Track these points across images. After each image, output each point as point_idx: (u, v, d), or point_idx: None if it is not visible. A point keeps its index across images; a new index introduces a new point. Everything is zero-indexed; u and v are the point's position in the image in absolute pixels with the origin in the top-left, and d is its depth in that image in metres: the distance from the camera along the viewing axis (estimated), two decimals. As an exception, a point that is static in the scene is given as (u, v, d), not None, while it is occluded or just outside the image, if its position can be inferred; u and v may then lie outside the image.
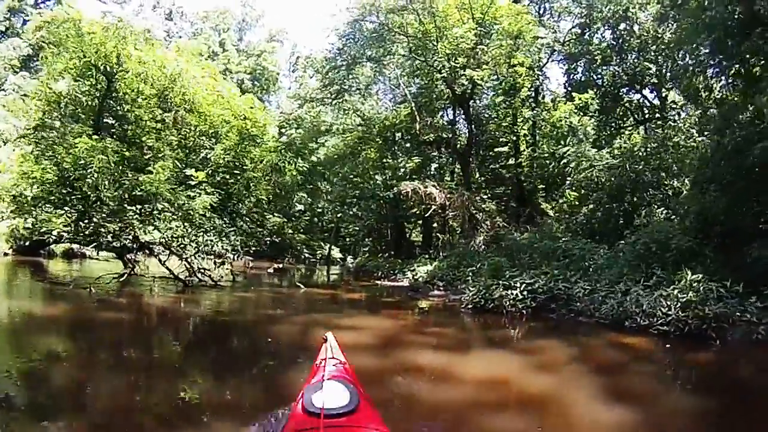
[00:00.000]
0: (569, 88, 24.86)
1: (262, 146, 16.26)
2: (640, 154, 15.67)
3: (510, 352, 7.82)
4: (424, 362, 6.66)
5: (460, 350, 7.79)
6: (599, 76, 23.91)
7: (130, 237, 12.84)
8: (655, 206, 14.77)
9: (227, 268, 15.56)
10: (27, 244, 19.54)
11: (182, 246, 13.17)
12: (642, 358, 7.87)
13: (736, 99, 13.49)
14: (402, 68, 27.52)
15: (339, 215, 34.84)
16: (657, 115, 23.28)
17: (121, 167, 12.69)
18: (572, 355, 7.56)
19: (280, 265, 17.71)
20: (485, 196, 22.83)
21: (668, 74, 21.51)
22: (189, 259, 13.63)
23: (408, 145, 29.68)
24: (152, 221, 13.24)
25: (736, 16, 11.55)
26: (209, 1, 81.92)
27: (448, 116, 28.70)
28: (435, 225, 28.48)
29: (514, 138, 24.99)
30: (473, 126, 25.51)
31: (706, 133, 14.73)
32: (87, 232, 12.97)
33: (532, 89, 24.75)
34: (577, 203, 19.54)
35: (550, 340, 8.90)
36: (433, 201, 21.52)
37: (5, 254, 19.85)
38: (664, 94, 23.14)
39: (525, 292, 11.15)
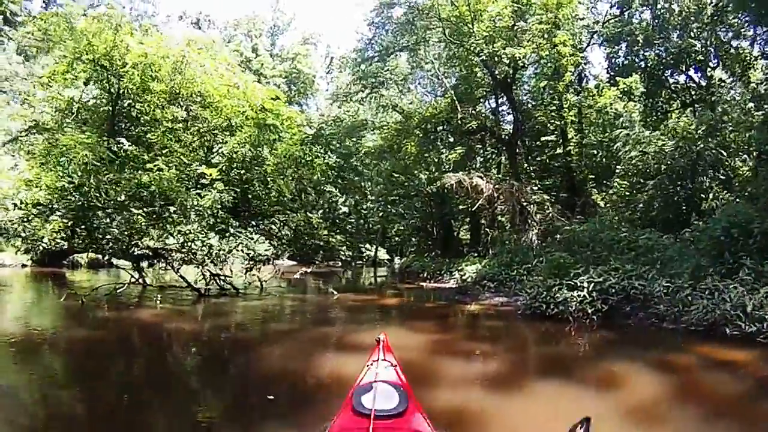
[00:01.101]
0: (612, 73, 24.20)
1: (286, 140, 14.60)
2: (698, 133, 14.04)
3: (585, 384, 5.47)
4: (466, 407, 4.55)
5: (517, 383, 5.52)
6: (642, 59, 23.27)
7: (135, 243, 11.37)
8: (717, 189, 13.45)
9: (254, 274, 13.99)
10: (47, 254, 18.47)
11: (193, 252, 11.62)
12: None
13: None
14: (439, 58, 25.91)
15: (383, 215, 33.33)
16: (704, 95, 22.07)
17: (117, 166, 11.26)
18: (671, 388, 5.24)
19: (309, 269, 15.91)
20: (535, 187, 20.71)
21: (712, 50, 21.31)
22: (204, 266, 12.14)
23: (451, 139, 27.82)
24: (162, 225, 11.76)
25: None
26: (238, 9, 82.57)
27: (490, 105, 27.08)
28: (483, 221, 26.50)
29: (562, 125, 23.43)
30: (518, 113, 23.52)
31: (766, 106, 13.74)
32: (85, 239, 11.59)
33: (575, 74, 23.13)
34: (627, 193, 17.79)
35: (633, 360, 6.50)
36: (480, 193, 19.58)
37: (23, 266, 18.90)
38: (709, 74, 22.33)
39: (594, 293, 9.04)
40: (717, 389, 5.33)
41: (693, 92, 23.45)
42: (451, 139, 27.99)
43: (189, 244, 11.50)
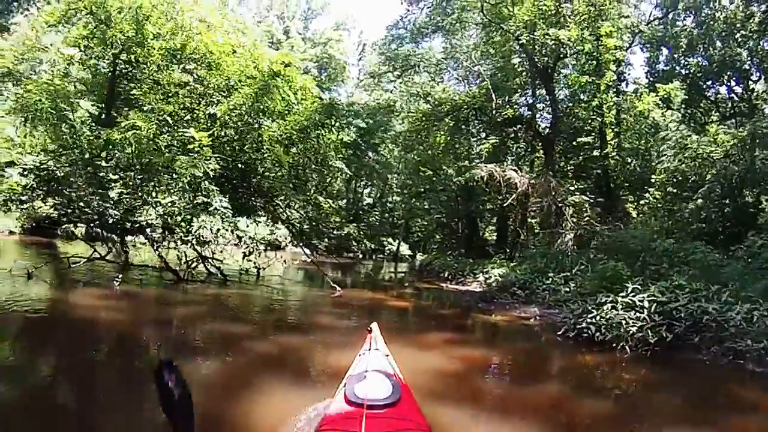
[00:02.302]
0: (651, 78, 23.64)
1: (300, 112, 12.77)
2: (751, 142, 13.16)
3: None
4: None
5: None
6: (683, 66, 22.74)
7: (108, 213, 9.59)
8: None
9: (250, 260, 12.10)
10: (39, 223, 17.40)
11: (171, 228, 9.87)
12: None
13: None
14: (475, 47, 24.05)
15: (405, 207, 31.86)
16: (745, 107, 21.59)
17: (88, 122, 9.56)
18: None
19: (310, 259, 14.01)
20: (572, 188, 18.66)
21: (756, 60, 20.70)
22: (188, 245, 10.37)
23: (483, 134, 25.96)
24: (140, 195, 10.00)
25: None
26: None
27: (527, 100, 25.32)
28: (511, 222, 24.47)
29: (600, 125, 21.84)
30: (557, 106, 21.61)
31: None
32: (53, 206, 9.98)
33: (616, 73, 21.90)
34: (660, 204, 17.17)
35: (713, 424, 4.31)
36: (513, 188, 17.57)
37: (11, 233, 17.49)
38: (751, 87, 21.92)
39: (656, 316, 6.94)
40: None
41: (734, 105, 22.43)
42: (483, 135, 26.12)
43: (167, 218, 9.72)
